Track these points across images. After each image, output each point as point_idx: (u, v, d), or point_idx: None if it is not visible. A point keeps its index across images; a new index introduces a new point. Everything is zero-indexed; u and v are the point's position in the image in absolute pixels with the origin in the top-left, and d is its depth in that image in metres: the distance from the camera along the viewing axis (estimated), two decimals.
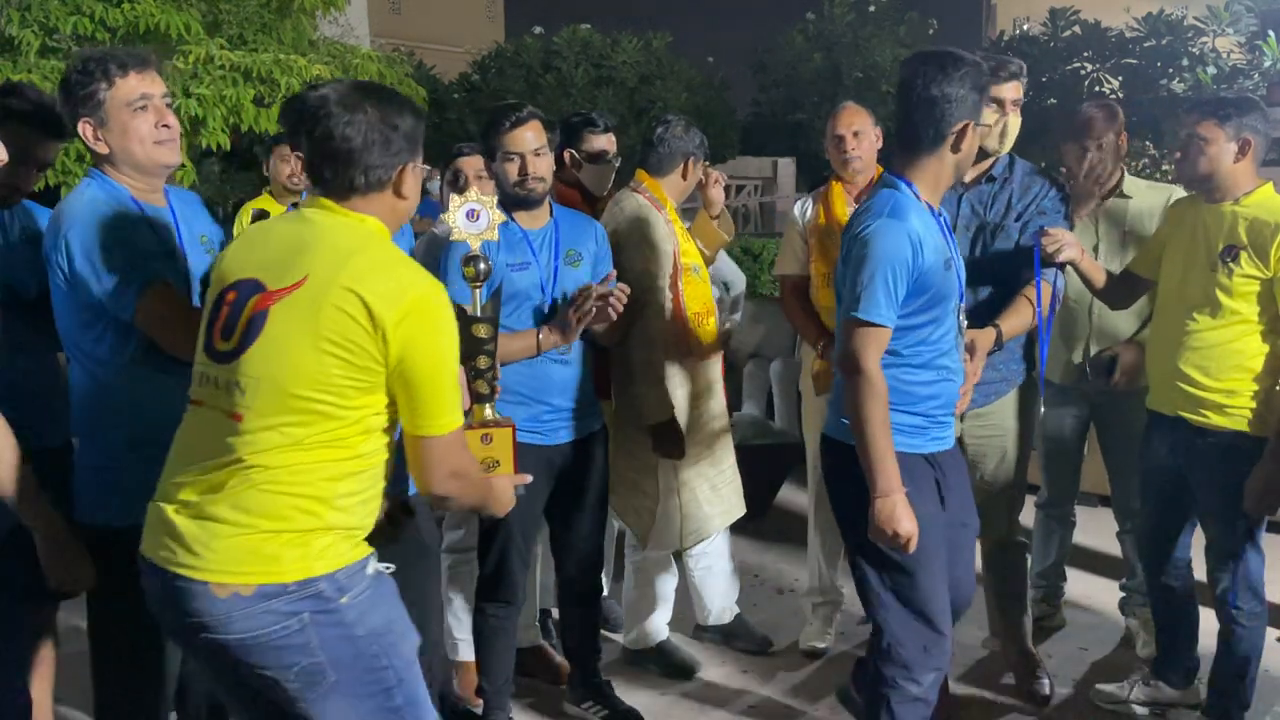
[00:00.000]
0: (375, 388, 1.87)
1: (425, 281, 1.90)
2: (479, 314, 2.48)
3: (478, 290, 2.50)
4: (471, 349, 2.40)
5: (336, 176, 1.91)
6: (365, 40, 13.42)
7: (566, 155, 3.57)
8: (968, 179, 3.15)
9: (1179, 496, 3.11)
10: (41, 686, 2.64)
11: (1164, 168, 6.63)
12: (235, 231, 4.57)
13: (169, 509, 1.87)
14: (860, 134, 3.59)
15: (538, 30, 14.19)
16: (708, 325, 3.42)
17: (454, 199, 2.54)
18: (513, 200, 3.00)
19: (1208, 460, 2.95)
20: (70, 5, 6.68)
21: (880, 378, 2.45)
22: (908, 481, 2.48)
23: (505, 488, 2.17)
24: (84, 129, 2.28)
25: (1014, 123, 3.11)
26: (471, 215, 2.53)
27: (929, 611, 2.57)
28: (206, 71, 7.03)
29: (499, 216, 2.59)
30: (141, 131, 2.28)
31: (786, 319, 3.99)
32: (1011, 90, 3.10)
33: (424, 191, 3.05)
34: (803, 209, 3.78)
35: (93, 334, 2.26)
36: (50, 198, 2.55)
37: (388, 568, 1.99)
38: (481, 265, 2.51)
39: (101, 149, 2.29)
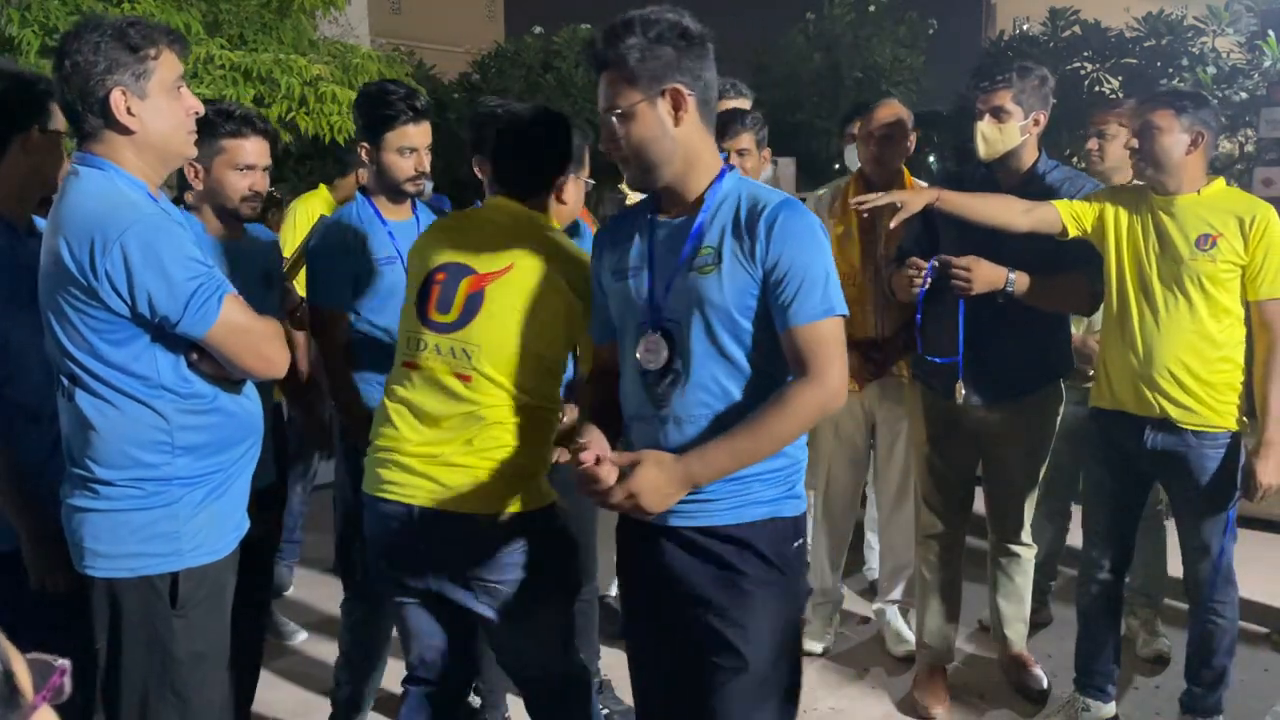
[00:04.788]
0: (565, 342, 2.32)
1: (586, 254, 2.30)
2: None
3: None
4: None
5: (519, 179, 2.35)
6: (365, 40, 13.41)
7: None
8: (1005, 184, 3.16)
9: (1139, 501, 3.16)
10: None
11: None
12: (286, 227, 4.50)
13: (411, 458, 2.23)
14: (905, 129, 3.58)
15: (538, 30, 14.16)
16: None
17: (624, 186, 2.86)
18: None
19: (1193, 458, 2.95)
20: (70, 5, 6.66)
21: (591, 390, 2.26)
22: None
23: None
24: (117, 99, 1.94)
25: (984, 129, 3.08)
26: None
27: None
28: (206, 71, 7.02)
29: None
30: (179, 116, 2.02)
31: None
32: (981, 101, 3.10)
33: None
34: (820, 204, 3.73)
35: (126, 353, 1.96)
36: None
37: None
38: None
39: (133, 125, 1.97)
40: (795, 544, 2.03)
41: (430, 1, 32.42)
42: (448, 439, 2.23)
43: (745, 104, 3.84)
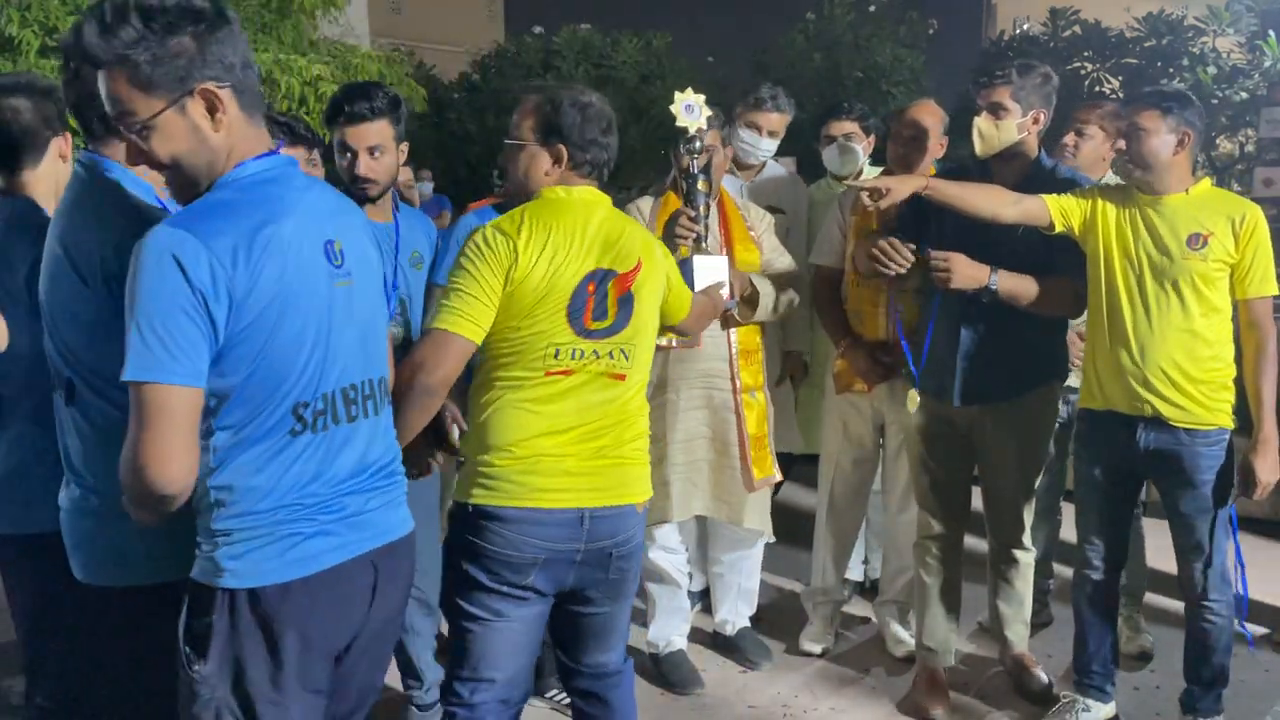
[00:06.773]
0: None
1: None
2: (698, 175, 3.24)
3: (697, 160, 3.24)
4: (693, 199, 3.21)
5: (605, 166, 2.42)
6: (365, 40, 13.40)
7: None
8: (1002, 181, 3.13)
9: (1131, 499, 3.17)
10: None
11: None
12: None
13: (571, 459, 2.25)
14: (931, 131, 3.57)
15: (538, 30, 14.16)
16: None
17: (677, 95, 3.19)
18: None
19: (1186, 456, 2.94)
20: (70, 5, 6.65)
21: None
22: None
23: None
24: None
25: (981, 125, 3.08)
26: (689, 109, 3.16)
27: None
28: None
29: (707, 111, 3.22)
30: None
31: (815, 310, 3.79)
32: (979, 96, 3.10)
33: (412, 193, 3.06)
34: (844, 199, 3.70)
35: (122, 358, 1.88)
36: None
37: None
38: (697, 144, 3.20)
39: None
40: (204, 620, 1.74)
41: (430, 1, 32.42)
42: (601, 435, 2.30)
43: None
